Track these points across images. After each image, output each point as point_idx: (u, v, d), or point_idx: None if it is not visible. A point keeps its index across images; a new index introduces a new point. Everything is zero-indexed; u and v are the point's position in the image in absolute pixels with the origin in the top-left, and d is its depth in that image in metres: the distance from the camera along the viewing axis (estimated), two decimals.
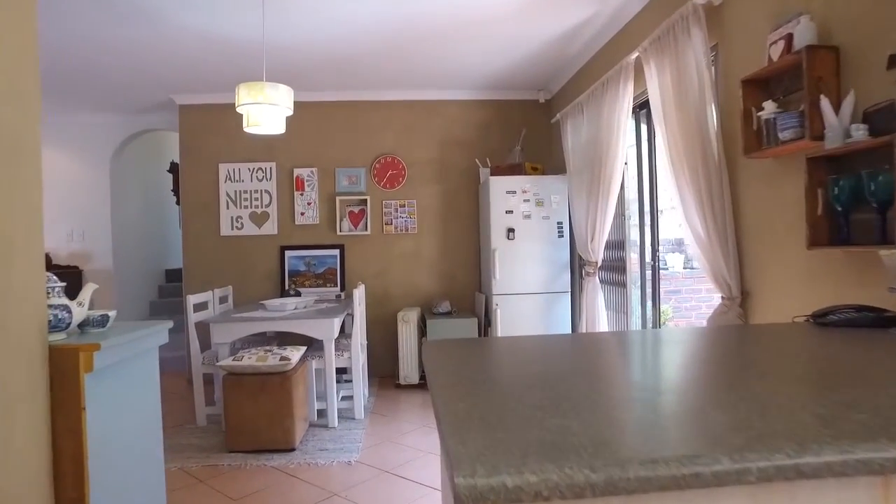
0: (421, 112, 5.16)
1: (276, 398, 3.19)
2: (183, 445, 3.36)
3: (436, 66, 4.43)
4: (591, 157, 3.85)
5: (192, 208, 5.08)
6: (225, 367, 3.23)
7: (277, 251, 5.10)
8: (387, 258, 5.14)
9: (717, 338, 1.35)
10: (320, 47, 3.93)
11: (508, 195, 4.49)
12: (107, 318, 1.58)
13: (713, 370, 1.04)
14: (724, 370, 1.03)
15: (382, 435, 3.51)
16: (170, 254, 6.73)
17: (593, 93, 3.83)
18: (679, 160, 2.71)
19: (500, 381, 0.97)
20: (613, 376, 1.02)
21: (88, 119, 5.52)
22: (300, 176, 5.10)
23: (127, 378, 1.59)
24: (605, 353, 1.25)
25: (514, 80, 4.87)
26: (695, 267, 6.11)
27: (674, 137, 2.75)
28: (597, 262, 3.96)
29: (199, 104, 5.03)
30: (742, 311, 2.41)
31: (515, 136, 5.03)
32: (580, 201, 4.11)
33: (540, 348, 1.28)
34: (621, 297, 3.88)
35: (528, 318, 4.50)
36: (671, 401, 0.83)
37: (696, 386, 0.92)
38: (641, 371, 1.10)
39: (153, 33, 3.58)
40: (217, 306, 4.24)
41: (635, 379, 1.01)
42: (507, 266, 4.48)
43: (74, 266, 5.53)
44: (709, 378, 0.97)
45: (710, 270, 2.56)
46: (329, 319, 3.58)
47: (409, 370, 4.59)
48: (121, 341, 1.46)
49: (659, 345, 1.34)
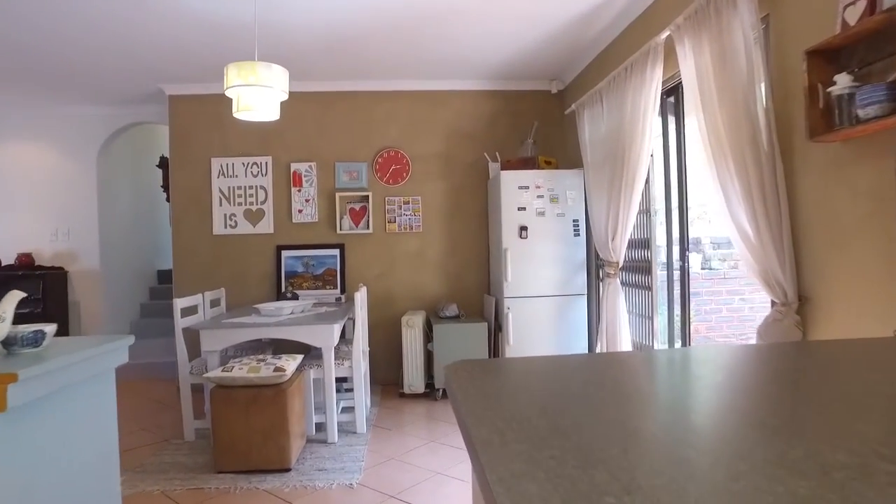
0: (426, 103, 4.86)
1: (270, 413, 2.89)
2: (167, 465, 3.06)
3: (442, 53, 4.13)
4: (613, 150, 3.55)
5: (182, 205, 4.78)
6: (213, 379, 2.93)
7: (273, 251, 4.80)
8: (390, 258, 4.84)
9: (795, 359, 1.05)
10: (318, 30, 3.63)
11: (521, 191, 4.19)
12: (41, 335, 1.23)
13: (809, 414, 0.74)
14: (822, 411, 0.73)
15: (387, 452, 3.21)
16: (161, 254, 6.42)
17: (615, 79, 3.54)
18: (720, 150, 2.41)
19: (573, 431, 0.67)
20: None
21: (73, 111, 5.22)
22: (298, 171, 4.80)
23: (70, 410, 1.24)
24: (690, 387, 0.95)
25: (524, 69, 4.57)
26: (713, 268, 5.83)
27: (714, 125, 2.45)
28: (618, 263, 3.66)
29: (190, 95, 4.73)
30: (799, 318, 2.11)
31: (526, 129, 4.73)
32: (599, 197, 3.81)
33: (601, 372, 0.99)
34: (645, 300, 3.58)
35: (542, 322, 4.20)
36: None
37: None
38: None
39: (139, 13, 3.28)
40: (208, 310, 3.94)
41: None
42: (520, 267, 4.18)
43: (59, 267, 5.23)
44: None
45: (759, 272, 2.26)
46: (328, 326, 3.28)
47: (414, 378, 4.29)
48: (56, 366, 1.13)
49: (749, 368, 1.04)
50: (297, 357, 3.22)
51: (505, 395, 0.85)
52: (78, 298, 5.28)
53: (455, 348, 4.21)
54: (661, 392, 0.90)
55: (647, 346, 3.53)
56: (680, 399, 0.86)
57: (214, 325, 3.30)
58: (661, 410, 0.79)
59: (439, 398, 4.26)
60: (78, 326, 5.28)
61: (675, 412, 0.77)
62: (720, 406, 0.82)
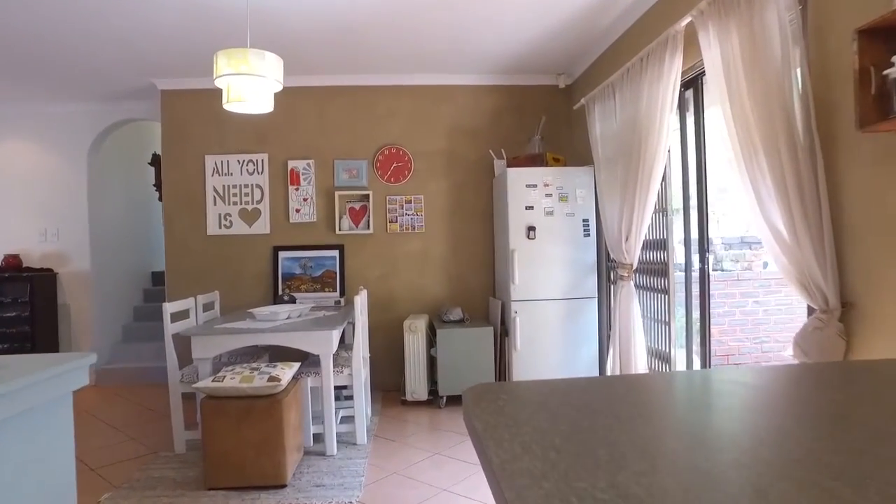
0: (429, 98, 4.68)
1: (264, 426, 2.70)
2: (154, 480, 2.87)
3: (444, 44, 3.94)
4: (627, 145, 3.36)
5: (175, 205, 4.59)
6: (203, 390, 2.75)
7: (270, 252, 4.61)
8: (391, 260, 4.66)
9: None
10: (315, 17, 3.44)
11: (528, 189, 4.00)
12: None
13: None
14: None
15: (389, 466, 3.02)
16: (156, 255, 6.23)
17: (629, 71, 3.35)
18: (750, 143, 2.23)
19: (605, 462, 0.48)
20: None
21: (63, 108, 5.03)
22: (295, 169, 4.61)
23: (14, 443, 1.02)
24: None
25: (531, 63, 4.38)
26: (726, 269, 5.64)
27: (742, 116, 2.26)
28: (632, 265, 3.48)
29: (183, 89, 4.54)
30: (842, 326, 1.92)
31: (532, 125, 4.54)
32: (612, 196, 3.63)
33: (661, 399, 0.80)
34: (660, 304, 3.39)
35: (551, 326, 4.01)
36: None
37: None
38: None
39: (129, 1, 3.10)
40: (200, 315, 3.76)
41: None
42: (528, 269, 3.99)
43: (48, 268, 5.04)
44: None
45: (794, 276, 2.07)
46: (327, 332, 3.09)
47: (417, 385, 4.10)
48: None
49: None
50: (294, 365, 3.03)
51: (528, 422, 0.67)
52: (68, 301, 5.10)
53: (459, 354, 4.02)
54: (697, 422, 0.72)
55: (664, 352, 3.34)
56: (719, 431, 0.67)
57: (206, 332, 3.11)
58: (699, 447, 0.60)
59: (443, 406, 4.07)
60: (68, 330, 5.09)
61: (711, 447, 0.58)
62: (760, 457, 0.63)
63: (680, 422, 0.74)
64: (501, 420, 0.72)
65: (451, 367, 4.02)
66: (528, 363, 3.98)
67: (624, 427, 0.68)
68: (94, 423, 3.94)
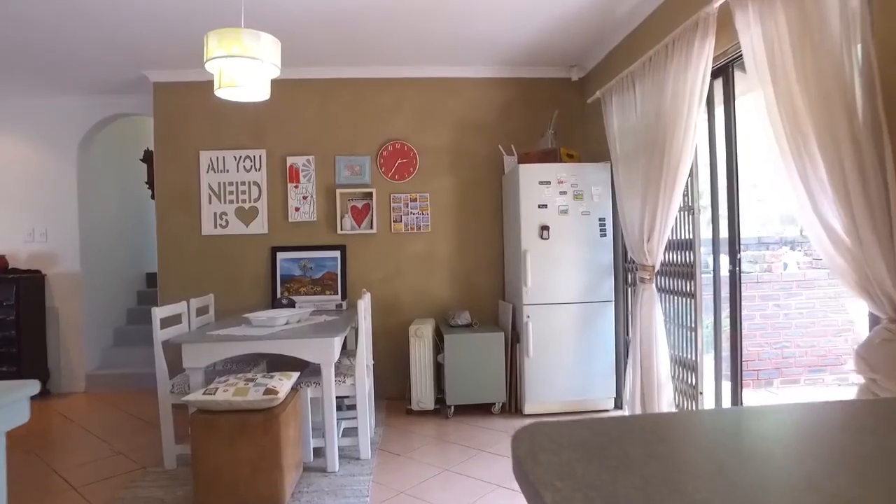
0: (435, 91, 4.45)
1: (260, 443, 2.47)
2: (140, 500, 2.64)
3: (450, 33, 3.72)
4: (650, 139, 3.13)
5: (168, 203, 4.37)
6: (194, 403, 2.52)
7: (268, 253, 4.38)
8: (395, 261, 4.43)
9: None
10: (316, 3, 3.22)
11: (541, 186, 3.77)
12: None
13: None
14: None
15: (395, 485, 2.79)
16: (150, 256, 5.98)
17: (651, 60, 3.13)
18: (798, 132, 2.00)
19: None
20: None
21: (51, 102, 4.80)
22: (294, 165, 4.38)
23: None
24: None
25: (541, 54, 4.16)
26: (744, 270, 5.42)
27: (789, 101, 2.04)
28: (654, 267, 3.25)
29: (177, 82, 4.32)
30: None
31: (544, 120, 4.32)
32: (632, 193, 3.40)
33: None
34: (685, 308, 3.17)
35: (565, 332, 3.78)
36: None
37: None
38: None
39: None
40: (194, 319, 3.53)
41: None
42: (541, 271, 3.76)
43: (36, 270, 4.81)
44: None
45: (854, 280, 1.85)
46: (328, 339, 2.87)
47: (424, 393, 3.88)
48: None
49: None
50: (293, 375, 2.80)
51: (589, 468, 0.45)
52: (56, 304, 4.87)
53: (468, 361, 3.80)
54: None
55: (690, 360, 3.11)
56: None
57: (198, 339, 2.89)
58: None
59: (450, 416, 3.84)
60: (56, 335, 4.86)
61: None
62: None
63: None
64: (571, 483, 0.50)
65: (460, 374, 3.80)
66: (541, 371, 3.75)
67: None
68: (81, 434, 3.72)
